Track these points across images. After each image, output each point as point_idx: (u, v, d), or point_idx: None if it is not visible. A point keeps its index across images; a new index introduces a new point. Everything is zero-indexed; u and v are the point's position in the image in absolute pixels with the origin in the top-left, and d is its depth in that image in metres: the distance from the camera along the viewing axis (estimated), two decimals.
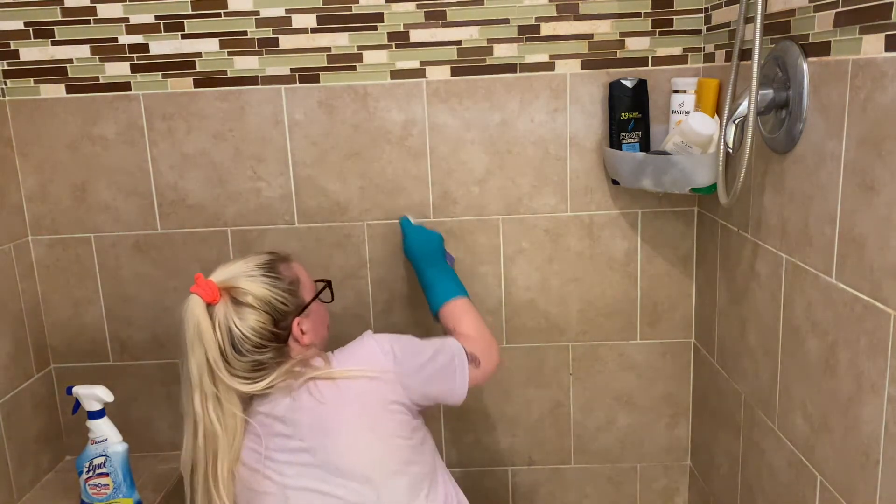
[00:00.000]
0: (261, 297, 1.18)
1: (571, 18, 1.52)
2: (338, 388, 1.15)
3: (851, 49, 0.95)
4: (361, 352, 1.20)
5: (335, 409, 1.14)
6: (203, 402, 1.15)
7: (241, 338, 1.15)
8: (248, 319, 1.16)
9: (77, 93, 1.57)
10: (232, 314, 1.16)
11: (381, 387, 1.16)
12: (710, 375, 1.57)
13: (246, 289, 1.18)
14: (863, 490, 0.97)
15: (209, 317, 1.14)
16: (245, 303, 1.17)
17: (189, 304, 1.16)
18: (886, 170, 0.89)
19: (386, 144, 1.59)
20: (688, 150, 1.39)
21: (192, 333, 1.14)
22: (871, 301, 0.93)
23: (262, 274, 1.20)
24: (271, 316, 1.18)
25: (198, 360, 1.14)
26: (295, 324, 1.22)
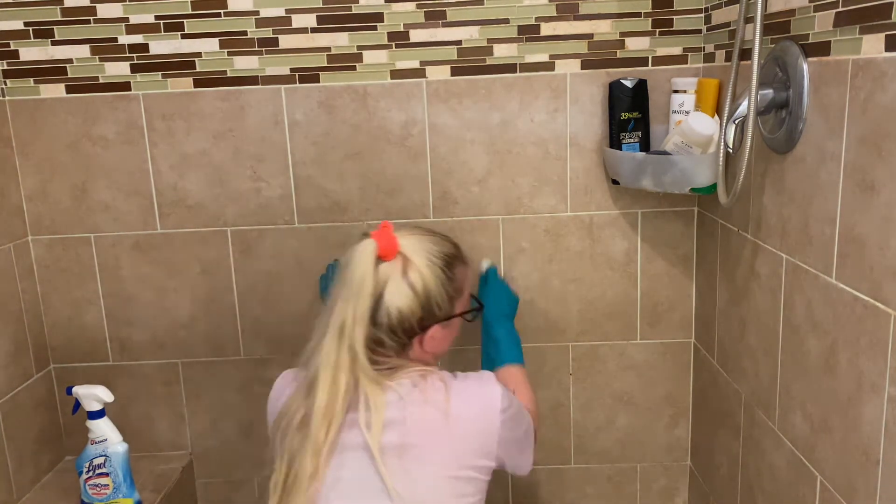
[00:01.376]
0: (427, 287, 1.10)
1: (571, 18, 1.52)
2: (445, 422, 1.06)
3: (851, 49, 0.95)
4: (481, 400, 1.10)
5: (431, 438, 1.07)
6: (338, 351, 1.07)
7: (384, 310, 1.08)
8: (400, 299, 1.08)
9: (77, 93, 1.57)
10: (393, 281, 1.08)
11: (480, 444, 1.09)
12: (710, 375, 1.57)
13: (421, 271, 1.09)
14: (863, 490, 0.97)
15: (374, 272, 1.07)
16: (410, 282, 1.09)
17: (361, 248, 1.08)
18: (886, 170, 0.89)
19: (386, 144, 1.59)
20: (688, 150, 1.39)
21: (355, 283, 1.07)
22: (871, 301, 0.93)
23: (441, 266, 1.11)
24: (422, 311, 1.10)
25: (349, 314, 1.07)
26: (433, 328, 1.13)
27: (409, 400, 1.07)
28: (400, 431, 1.06)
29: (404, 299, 1.09)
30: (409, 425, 1.06)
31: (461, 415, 1.07)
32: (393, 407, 1.07)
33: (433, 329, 1.13)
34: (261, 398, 1.71)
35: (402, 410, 1.07)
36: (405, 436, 1.06)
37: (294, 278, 1.65)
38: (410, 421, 1.06)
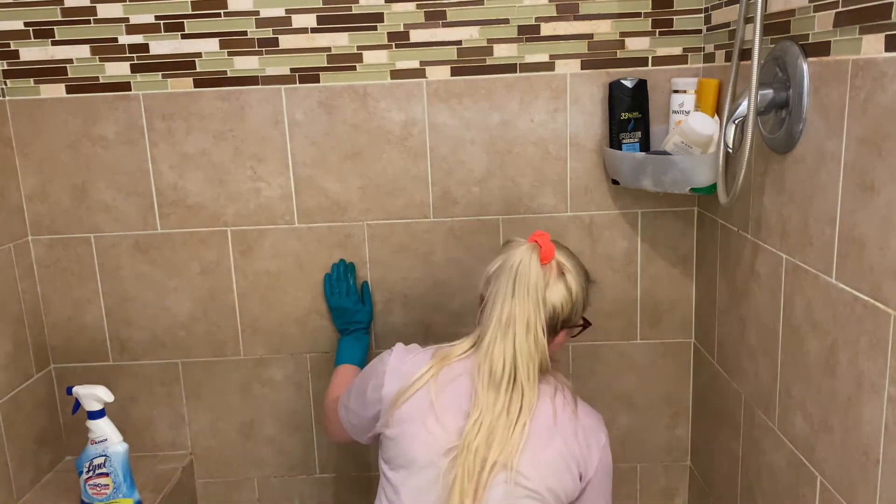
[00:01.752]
0: (576, 291, 1.19)
1: (571, 18, 1.52)
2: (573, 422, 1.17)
3: (851, 49, 0.95)
4: (597, 419, 1.22)
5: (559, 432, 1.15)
6: (528, 345, 1.14)
7: (543, 306, 1.16)
8: (556, 297, 1.17)
9: (77, 93, 1.57)
10: (550, 281, 1.17)
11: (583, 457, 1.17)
12: (710, 375, 1.57)
13: (574, 274, 1.19)
14: (863, 490, 0.97)
15: (541, 272, 1.16)
16: (566, 282, 1.18)
17: (526, 249, 1.17)
18: (886, 170, 0.89)
19: (386, 144, 1.59)
20: (688, 150, 1.39)
21: (526, 281, 1.14)
22: (871, 301, 0.93)
23: (584, 276, 1.22)
24: (569, 311, 1.19)
25: (531, 306, 1.14)
26: (562, 333, 1.22)
27: (552, 396, 1.17)
28: (548, 423, 1.15)
29: (560, 296, 1.18)
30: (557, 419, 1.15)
31: (584, 421, 1.18)
32: (544, 400, 1.16)
33: (562, 333, 1.22)
34: (261, 398, 1.72)
35: (550, 404, 1.16)
36: (550, 428, 1.15)
37: (294, 278, 1.65)
38: (558, 416, 1.16)
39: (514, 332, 1.14)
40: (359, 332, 1.59)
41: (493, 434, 1.11)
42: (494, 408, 1.12)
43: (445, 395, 1.15)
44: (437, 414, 1.14)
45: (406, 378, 1.18)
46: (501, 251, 1.21)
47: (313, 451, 1.75)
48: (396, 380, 1.20)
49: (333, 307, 1.62)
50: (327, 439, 1.73)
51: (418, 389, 1.16)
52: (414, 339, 1.66)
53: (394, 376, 1.20)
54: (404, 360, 1.22)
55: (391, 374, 1.21)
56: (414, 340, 1.66)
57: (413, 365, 1.20)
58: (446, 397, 1.15)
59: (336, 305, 1.61)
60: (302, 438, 1.74)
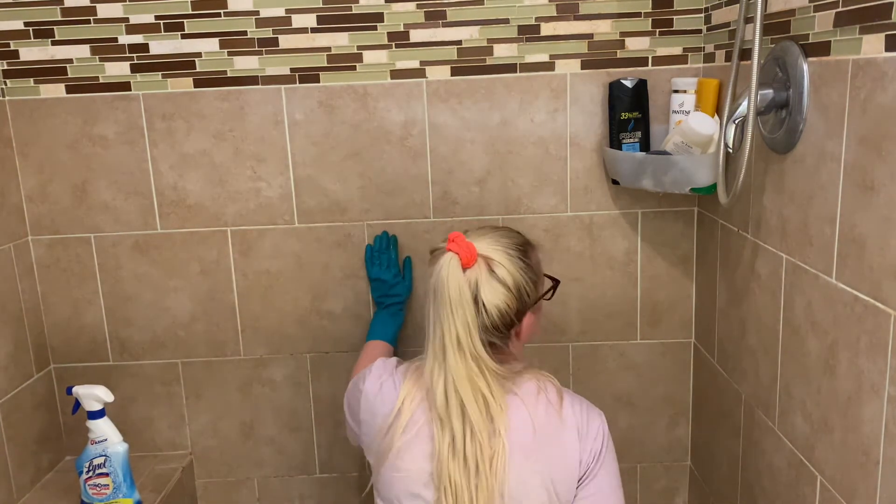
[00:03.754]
0: (515, 280, 1.11)
1: (571, 18, 1.52)
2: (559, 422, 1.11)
3: (851, 49, 0.95)
4: (589, 412, 1.15)
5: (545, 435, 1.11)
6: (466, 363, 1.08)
7: (483, 312, 1.10)
8: (497, 297, 1.10)
9: (77, 93, 1.57)
10: (484, 285, 1.09)
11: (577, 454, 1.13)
12: (710, 375, 1.57)
13: (501, 262, 1.11)
14: (863, 490, 0.97)
15: (466, 281, 1.09)
16: (500, 278, 1.10)
17: (446, 261, 1.09)
18: (886, 170, 0.89)
19: (386, 144, 1.59)
20: (688, 150, 1.39)
21: (454, 295, 1.08)
22: (871, 301, 0.93)
23: (518, 256, 1.13)
24: (517, 302, 1.12)
25: (460, 325, 1.08)
26: (526, 317, 1.15)
27: (528, 399, 1.11)
28: (529, 428, 1.10)
29: (500, 296, 1.11)
30: (535, 426, 1.10)
31: (570, 420, 1.12)
32: (515, 409, 1.10)
33: (526, 318, 1.16)
34: (261, 398, 1.72)
35: (525, 409, 1.10)
36: (533, 436, 1.10)
37: (294, 278, 1.65)
38: (537, 422, 1.10)
39: (448, 358, 1.09)
40: (394, 308, 1.57)
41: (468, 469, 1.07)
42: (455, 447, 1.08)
43: (414, 439, 1.11)
44: (408, 456, 1.11)
45: (375, 415, 1.16)
46: (429, 264, 1.15)
47: (313, 451, 1.75)
48: (368, 412, 1.17)
49: (373, 278, 1.59)
50: (328, 438, 1.73)
51: (387, 431, 1.12)
52: (415, 339, 1.66)
53: (367, 406, 1.18)
54: (377, 392, 1.17)
55: (365, 400, 1.18)
56: (414, 340, 1.66)
57: (383, 402, 1.16)
58: (415, 441, 1.11)
59: (376, 276, 1.58)
60: (302, 438, 1.74)
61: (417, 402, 1.13)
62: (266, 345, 1.69)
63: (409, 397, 1.13)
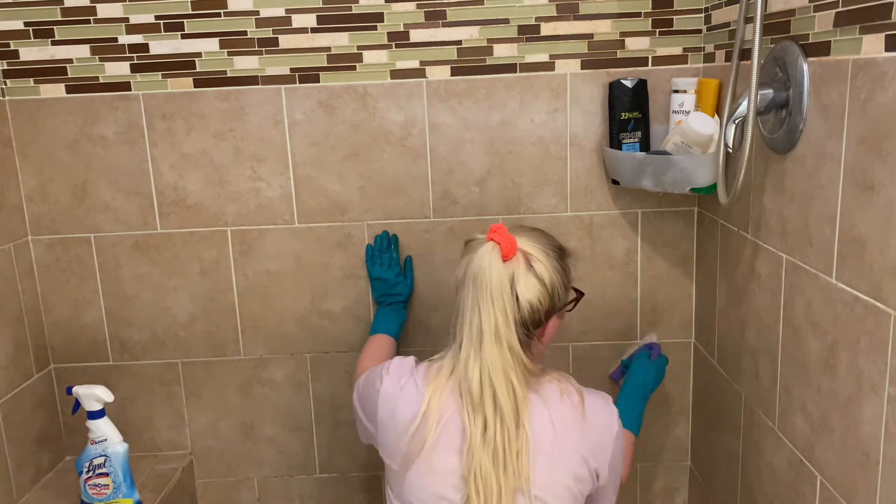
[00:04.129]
0: (550, 276, 1.12)
1: (571, 18, 1.52)
2: (582, 422, 1.12)
3: (851, 49, 0.95)
4: (606, 409, 1.16)
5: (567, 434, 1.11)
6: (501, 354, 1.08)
7: (515, 306, 1.09)
8: (532, 292, 1.10)
9: (77, 93, 1.57)
10: (520, 278, 1.09)
11: (600, 451, 1.14)
12: (710, 375, 1.57)
13: (540, 259, 1.11)
14: (863, 490, 0.97)
15: (506, 272, 1.08)
16: (537, 273, 1.10)
17: (486, 250, 1.09)
18: (886, 170, 0.89)
19: (386, 144, 1.59)
20: (688, 150, 1.39)
21: (494, 285, 1.07)
22: (871, 301, 0.93)
23: (555, 258, 1.14)
24: (549, 301, 1.12)
25: (499, 315, 1.08)
26: (552, 319, 1.16)
27: (551, 402, 1.12)
28: (550, 430, 1.10)
29: (534, 292, 1.10)
30: (556, 424, 1.10)
31: (593, 421, 1.13)
32: (538, 409, 1.11)
33: (552, 321, 1.16)
34: (261, 398, 1.72)
35: (546, 411, 1.11)
36: (555, 432, 1.10)
37: (294, 278, 1.65)
38: (555, 420, 1.11)
39: (485, 346, 1.08)
40: (397, 306, 1.57)
41: (497, 460, 1.07)
42: (486, 436, 1.08)
43: (441, 436, 1.10)
44: (437, 456, 1.10)
45: (396, 417, 1.13)
46: (464, 253, 1.14)
47: (313, 451, 1.75)
48: (388, 414, 1.15)
49: (374, 277, 1.59)
50: (328, 438, 1.73)
51: (414, 433, 1.11)
52: (414, 339, 1.66)
53: (386, 407, 1.15)
54: (397, 393, 1.15)
55: (383, 401, 1.16)
56: (414, 340, 1.67)
57: (405, 405, 1.13)
58: (443, 438, 1.10)
59: (377, 276, 1.58)
60: (302, 438, 1.74)
61: (444, 400, 1.11)
62: (266, 345, 1.69)
63: (436, 395, 1.12)
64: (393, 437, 1.14)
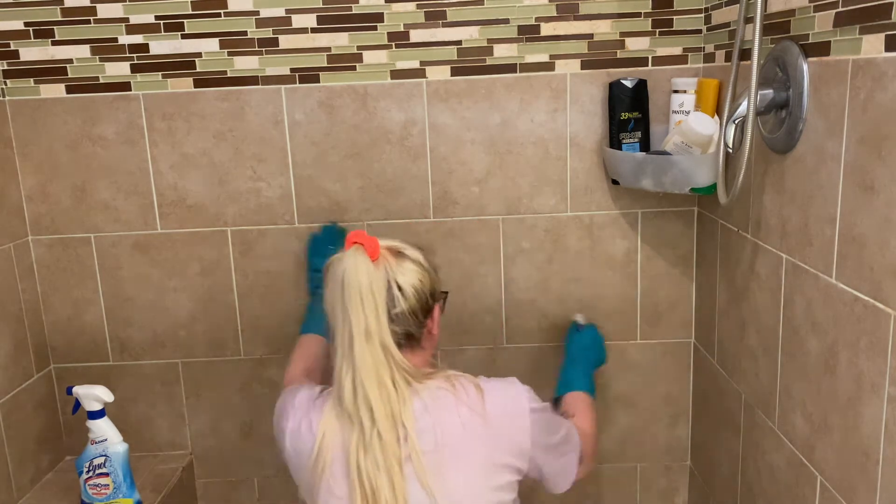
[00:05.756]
0: (423, 262, 1.13)
1: (571, 18, 1.52)
2: (482, 420, 1.08)
3: (851, 49, 0.95)
4: (510, 398, 1.12)
5: (467, 439, 1.08)
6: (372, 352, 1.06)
7: (399, 296, 1.08)
8: (411, 276, 1.10)
9: (77, 93, 1.57)
10: (394, 269, 1.08)
11: (513, 442, 1.11)
12: (710, 375, 1.57)
13: (407, 249, 1.13)
14: (863, 490, 0.97)
15: (375, 270, 1.06)
16: (409, 257, 1.11)
17: (350, 256, 1.07)
18: (886, 170, 0.89)
19: (386, 144, 1.59)
20: (688, 150, 1.39)
21: (363, 285, 1.05)
22: (871, 301, 0.93)
23: (415, 248, 1.15)
24: (430, 281, 1.12)
25: (370, 314, 1.05)
26: (436, 308, 1.15)
27: (437, 405, 1.08)
28: (431, 437, 1.07)
29: (415, 274, 1.11)
30: (440, 430, 1.07)
31: (493, 412, 1.09)
32: (420, 413, 1.07)
33: (435, 309, 1.15)
34: (261, 398, 1.72)
35: (429, 416, 1.07)
36: (438, 440, 1.07)
37: (294, 278, 1.65)
38: (440, 425, 1.07)
39: (355, 349, 1.05)
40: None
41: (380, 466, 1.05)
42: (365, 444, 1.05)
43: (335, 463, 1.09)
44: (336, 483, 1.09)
45: (300, 454, 1.13)
46: (329, 271, 1.11)
47: None
48: (293, 451, 1.14)
49: (315, 269, 1.54)
50: None
51: (312, 468, 1.10)
52: None
53: (291, 444, 1.15)
54: (297, 430, 1.14)
55: (290, 439, 1.15)
56: None
57: (304, 442, 1.12)
58: (336, 464, 1.09)
59: (318, 267, 1.49)
60: None
61: (333, 427, 1.10)
62: (266, 345, 1.69)
63: (329, 425, 1.10)
64: (297, 470, 1.15)
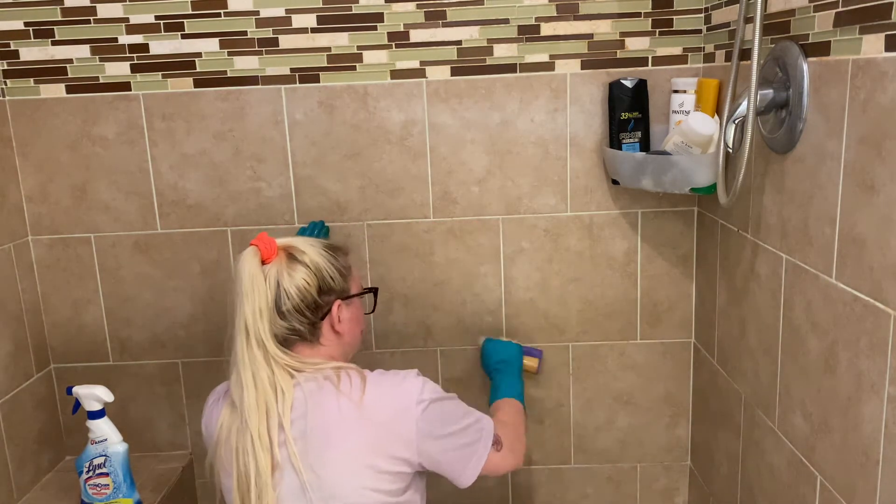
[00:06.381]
0: (315, 261, 1.17)
1: (571, 18, 1.52)
2: (359, 411, 1.11)
3: (851, 49, 0.95)
4: (398, 389, 1.14)
5: (341, 427, 1.11)
6: (248, 348, 1.11)
7: (284, 295, 1.13)
8: (297, 277, 1.15)
9: (77, 93, 1.57)
10: (283, 270, 1.14)
11: (397, 432, 1.12)
12: (710, 375, 1.57)
13: (303, 250, 1.17)
14: (863, 490, 0.97)
15: (262, 270, 1.13)
16: (299, 260, 1.16)
17: (245, 255, 1.14)
18: (886, 170, 0.89)
19: (386, 144, 1.59)
20: (688, 150, 1.39)
21: (245, 284, 1.12)
22: (871, 301, 0.93)
23: (322, 246, 1.20)
24: (318, 282, 1.16)
25: (248, 311, 1.11)
26: (336, 305, 1.19)
27: (318, 395, 1.12)
28: (303, 425, 1.10)
29: (299, 276, 1.15)
30: (316, 418, 1.10)
31: (375, 403, 1.12)
32: (298, 403, 1.12)
33: (336, 307, 1.19)
34: None
35: (306, 405, 1.11)
36: (310, 428, 1.10)
37: None
38: (317, 413, 1.11)
39: (237, 345, 1.12)
40: None
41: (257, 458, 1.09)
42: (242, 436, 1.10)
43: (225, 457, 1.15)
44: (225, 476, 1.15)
45: (210, 438, 1.19)
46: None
47: None
48: (207, 437, 1.21)
49: None
50: None
51: (214, 449, 1.16)
52: (414, 339, 1.67)
53: (206, 429, 1.23)
54: (209, 418, 1.21)
55: (205, 423, 1.23)
56: (414, 341, 1.67)
57: (210, 432, 1.20)
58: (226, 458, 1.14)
59: None
60: None
61: (229, 418, 1.15)
62: None
63: (227, 417, 1.15)
64: (210, 454, 1.19)
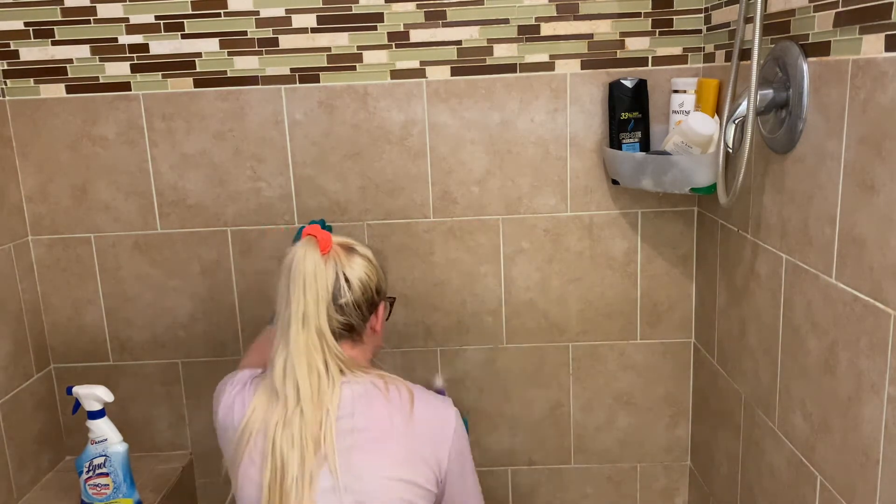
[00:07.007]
0: (373, 259, 1.17)
1: (571, 18, 1.52)
2: (408, 424, 1.10)
3: (851, 49, 0.95)
4: (442, 412, 1.14)
5: (395, 434, 1.10)
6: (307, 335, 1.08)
7: (345, 287, 1.11)
8: (359, 270, 1.13)
9: (77, 93, 1.57)
10: (343, 262, 1.12)
11: (433, 449, 1.12)
12: (710, 375, 1.57)
13: (359, 247, 1.16)
14: (863, 490, 0.97)
15: (323, 259, 1.10)
16: (359, 253, 1.15)
17: (304, 244, 1.11)
18: (886, 170, 0.89)
19: (386, 144, 1.59)
20: (688, 150, 1.39)
21: (308, 272, 1.09)
22: (871, 301, 0.93)
23: (369, 250, 1.19)
24: (377, 277, 1.15)
25: (311, 299, 1.09)
26: (381, 306, 1.18)
27: (366, 397, 1.10)
28: (349, 424, 1.08)
29: (363, 268, 1.14)
30: (362, 418, 1.09)
31: (421, 418, 1.11)
32: (346, 402, 1.09)
33: (380, 307, 1.18)
34: None
35: (355, 405, 1.09)
36: (357, 429, 1.08)
37: None
38: (364, 415, 1.09)
39: (291, 332, 1.09)
40: None
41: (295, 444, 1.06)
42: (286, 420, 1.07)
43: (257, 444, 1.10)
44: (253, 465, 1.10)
45: (227, 429, 1.15)
46: (281, 261, 1.14)
47: None
48: (221, 427, 1.16)
49: None
50: None
51: (237, 445, 1.11)
52: (414, 339, 1.66)
53: (223, 415, 1.16)
54: (230, 407, 1.16)
55: (222, 410, 1.16)
56: (414, 341, 1.66)
57: (233, 418, 1.14)
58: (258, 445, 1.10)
59: None
60: None
61: (262, 408, 1.11)
62: None
63: (259, 406, 1.12)
64: (225, 443, 1.16)
